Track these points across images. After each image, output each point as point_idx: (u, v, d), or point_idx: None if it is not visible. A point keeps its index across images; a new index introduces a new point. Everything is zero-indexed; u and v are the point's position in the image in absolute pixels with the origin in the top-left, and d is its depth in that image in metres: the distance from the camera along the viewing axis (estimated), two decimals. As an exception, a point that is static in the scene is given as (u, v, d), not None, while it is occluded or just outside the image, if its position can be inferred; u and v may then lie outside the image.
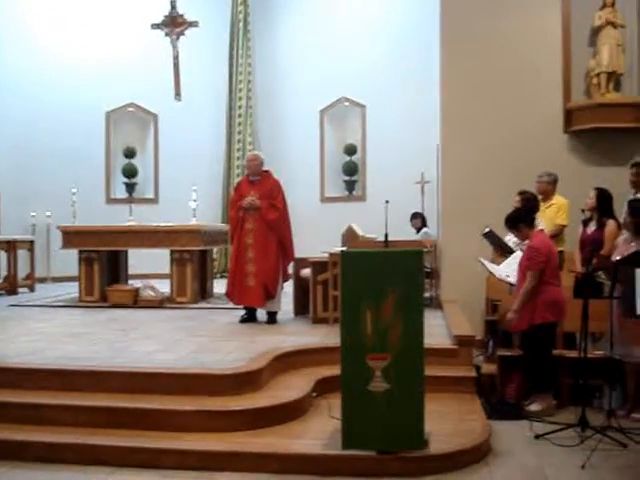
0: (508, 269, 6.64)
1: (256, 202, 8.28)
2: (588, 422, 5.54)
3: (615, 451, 5.21)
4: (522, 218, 6.41)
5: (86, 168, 13.95)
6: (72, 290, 11.03)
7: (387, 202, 7.67)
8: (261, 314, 8.53)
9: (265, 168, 8.61)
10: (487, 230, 7.20)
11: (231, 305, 8.74)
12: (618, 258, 5.96)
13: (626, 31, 9.06)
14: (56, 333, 7.82)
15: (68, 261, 11.26)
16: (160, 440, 5.08)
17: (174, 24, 12.95)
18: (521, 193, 7.44)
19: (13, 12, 13.51)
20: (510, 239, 7.22)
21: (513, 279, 6.64)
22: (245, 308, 8.50)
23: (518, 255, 6.61)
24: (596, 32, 9.14)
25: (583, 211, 6.94)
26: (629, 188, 7.36)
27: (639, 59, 9.09)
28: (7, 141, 13.30)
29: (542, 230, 6.54)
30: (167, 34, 13.02)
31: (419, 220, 11.33)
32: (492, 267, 7.03)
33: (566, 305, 6.40)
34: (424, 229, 11.06)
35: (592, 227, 7.10)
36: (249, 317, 8.45)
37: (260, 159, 8.58)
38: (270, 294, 8.34)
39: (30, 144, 13.56)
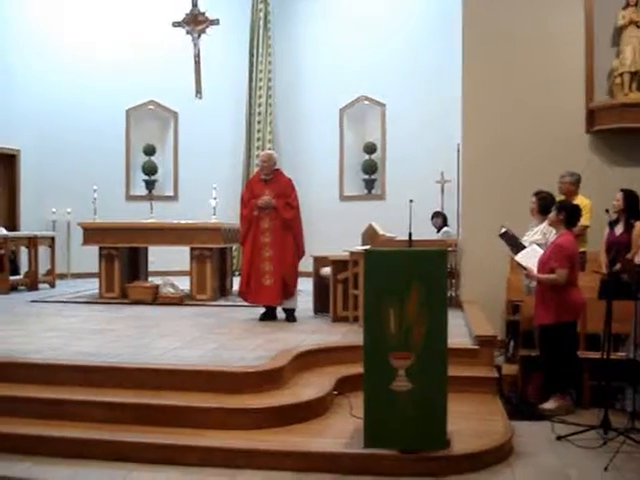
0: (527, 260, 6.57)
1: (272, 201, 8.29)
2: (611, 424, 5.51)
3: (638, 453, 5.17)
4: (570, 214, 6.37)
5: (106, 165, 14.01)
6: (92, 286, 11.09)
7: (411, 201, 7.64)
8: (280, 312, 8.54)
9: (276, 167, 8.63)
10: (503, 230, 7.16)
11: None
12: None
13: (650, 30, 8.98)
14: (77, 329, 7.87)
15: (88, 257, 11.34)
16: (182, 437, 5.09)
17: (195, 22, 12.97)
18: (537, 193, 7.40)
19: (33, 11, 13.57)
20: (527, 239, 7.18)
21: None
22: (265, 306, 8.51)
23: (536, 249, 6.56)
24: (619, 32, 9.07)
25: (607, 212, 6.89)
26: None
27: (663, 59, 9.01)
28: (28, 139, 13.38)
29: (572, 233, 6.46)
30: (188, 32, 13.03)
31: (440, 219, 11.29)
32: (517, 258, 6.90)
33: (585, 305, 6.39)
34: (445, 228, 11.03)
35: (619, 229, 7.04)
36: (269, 315, 8.46)
37: (274, 159, 8.59)
38: (290, 291, 8.36)
39: (51, 141, 13.64)
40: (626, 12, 8.99)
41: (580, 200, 7.59)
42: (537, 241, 7.00)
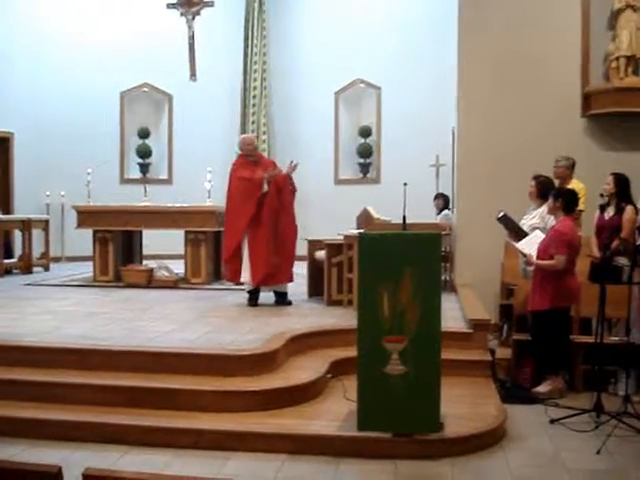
0: (528, 247, 6.57)
1: (277, 169, 8.32)
2: (603, 407, 5.54)
3: (630, 437, 5.19)
4: (566, 200, 6.37)
5: (100, 148, 13.93)
6: (86, 270, 11.06)
7: (405, 184, 7.63)
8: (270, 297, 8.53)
9: None
10: (501, 214, 7.16)
11: (246, 287, 8.65)
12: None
13: (646, 14, 8.94)
14: (71, 312, 7.87)
15: (82, 241, 11.29)
16: (176, 419, 5.11)
17: (189, 4, 12.89)
18: (536, 177, 7.38)
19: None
20: (525, 223, 7.18)
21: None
22: (250, 291, 8.42)
23: (538, 235, 6.56)
24: (616, 15, 9.00)
25: (602, 196, 6.89)
26: (647, 173, 7.30)
27: (659, 43, 8.97)
28: (22, 121, 13.30)
29: (571, 219, 6.46)
30: (182, 14, 12.95)
31: (442, 201, 11.16)
32: (518, 245, 6.89)
33: (580, 291, 6.39)
34: (445, 211, 10.92)
35: (610, 212, 7.05)
36: (256, 298, 8.39)
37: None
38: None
39: (45, 124, 13.55)
40: (623, -4, 8.94)
41: (575, 184, 7.58)
42: (535, 225, 6.99)
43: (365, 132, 14.23)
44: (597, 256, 6.52)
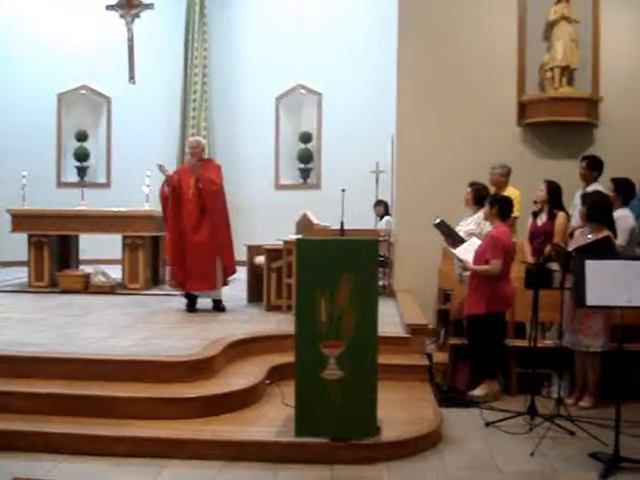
0: (464, 253, 6.66)
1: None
2: (537, 410, 5.66)
3: (563, 439, 5.31)
4: (502, 207, 6.47)
5: (37, 151, 13.65)
6: (21, 275, 10.82)
7: (343, 190, 7.69)
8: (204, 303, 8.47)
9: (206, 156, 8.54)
10: (438, 220, 7.25)
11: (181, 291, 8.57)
12: (573, 248, 6.05)
13: (580, 26, 9.16)
14: (5, 319, 7.69)
15: (17, 245, 11.03)
16: (112, 428, 5.02)
17: (129, 6, 12.76)
18: (471, 184, 7.50)
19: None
20: (461, 229, 7.29)
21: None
22: (187, 296, 8.36)
23: (475, 242, 6.66)
24: (551, 27, 9.22)
25: (535, 203, 7.03)
26: (579, 181, 7.48)
27: (593, 54, 9.19)
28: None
29: (506, 225, 6.57)
30: (122, 16, 12.81)
31: (382, 207, 11.31)
32: (455, 251, 6.97)
33: (515, 296, 6.51)
34: (387, 217, 11.03)
35: (542, 219, 7.21)
36: (194, 305, 8.34)
37: (202, 145, 8.56)
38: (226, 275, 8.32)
39: (-22, 125, 13.25)
40: (558, 7, 9.12)
41: (510, 191, 7.71)
42: (471, 231, 7.11)
43: (306, 138, 14.26)
44: (531, 262, 6.65)
